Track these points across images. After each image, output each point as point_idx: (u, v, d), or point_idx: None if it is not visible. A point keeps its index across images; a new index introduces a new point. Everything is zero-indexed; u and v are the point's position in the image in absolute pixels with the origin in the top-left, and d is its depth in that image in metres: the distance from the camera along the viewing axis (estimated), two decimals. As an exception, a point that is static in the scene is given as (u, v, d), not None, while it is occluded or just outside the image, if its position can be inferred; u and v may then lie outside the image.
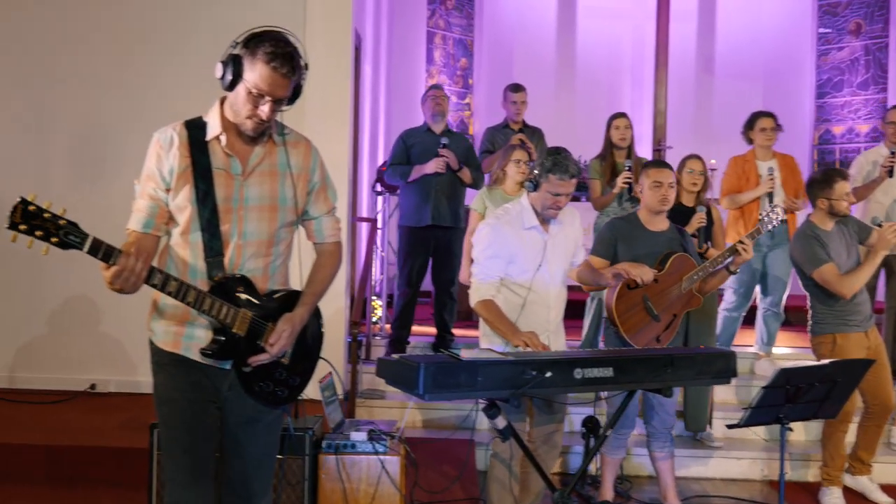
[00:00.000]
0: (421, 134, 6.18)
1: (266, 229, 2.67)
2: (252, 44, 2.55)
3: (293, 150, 2.75)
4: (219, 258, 2.59)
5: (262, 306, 2.65)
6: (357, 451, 3.91)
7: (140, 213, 2.61)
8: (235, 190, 2.63)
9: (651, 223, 4.39)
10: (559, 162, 3.72)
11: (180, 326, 2.64)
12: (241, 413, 2.73)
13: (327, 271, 2.86)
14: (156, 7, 5.72)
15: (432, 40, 10.19)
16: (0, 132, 5.75)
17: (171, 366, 2.67)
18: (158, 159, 2.60)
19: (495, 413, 3.31)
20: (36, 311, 5.76)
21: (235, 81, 2.57)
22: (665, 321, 4.29)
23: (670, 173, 4.36)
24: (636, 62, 10.72)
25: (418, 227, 6.08)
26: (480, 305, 3.76)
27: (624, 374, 3.40)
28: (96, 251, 2.31)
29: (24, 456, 4.44)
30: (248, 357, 2.61)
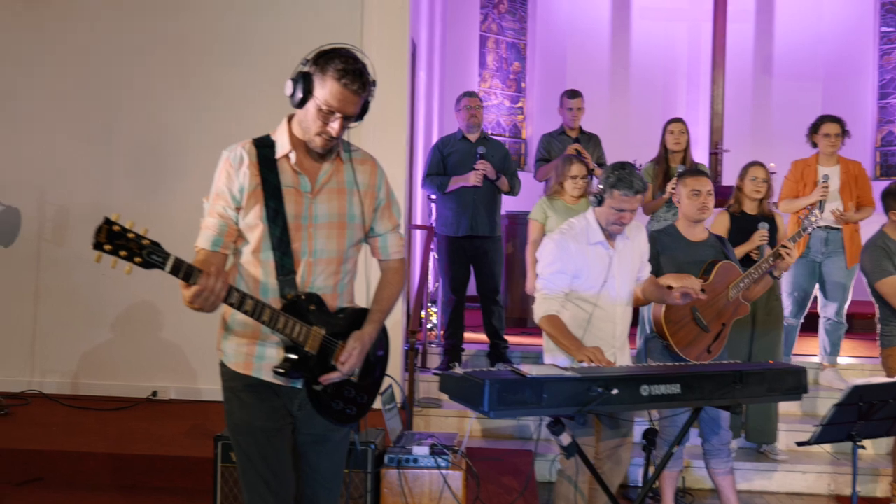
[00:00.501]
0: (456, 142, 6.15)
1: (335, 246, 2.68)
2: (322, 61, 2.55)
3: (360, 167, 2.75)
4: (291, 276, 2.59)
5: (333, 324, 2.65)
6: (419, 466, 3.90)
7: (209, 230, 2.62)
8: (305, 207, 2.63)
9: (690, 233, 4.32)
10: (623, 177, 3.66)
11: (251, 346, 2.65)
12: (310, 432, 2.73)
13: (394, 288, 2.86)
14: (217, 18, 5.78)
15: (485, 44, 10.17)
16: (66, 141, 5.85)
17: (244, 392, 2.67)
18: (228, 178, 2.61)
19: (560, 430, 3.28)
20: (99, 319, 5.84)
21: (305, 99, 2.57)
22: (714, 331, 4.22)
23: (708, 181, 4.28)
24: (692, 63, 10.58)
25: (456, 236, 6.07)
26: (545, 321, 3.72)
27: (691, 390, 3.35)
28: (177, 271, 2.32)
29: (89, 464, 4.50)
30: (319, 375, 2.61)
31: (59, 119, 5.86)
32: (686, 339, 4.12)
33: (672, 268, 4.17)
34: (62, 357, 5.85)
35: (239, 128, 5.55)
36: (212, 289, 2.36)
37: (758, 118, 10.33)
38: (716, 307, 4.19)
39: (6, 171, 5.56)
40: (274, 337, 2.60)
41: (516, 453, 5.10)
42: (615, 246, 3.81)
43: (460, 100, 6.22)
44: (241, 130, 5.54)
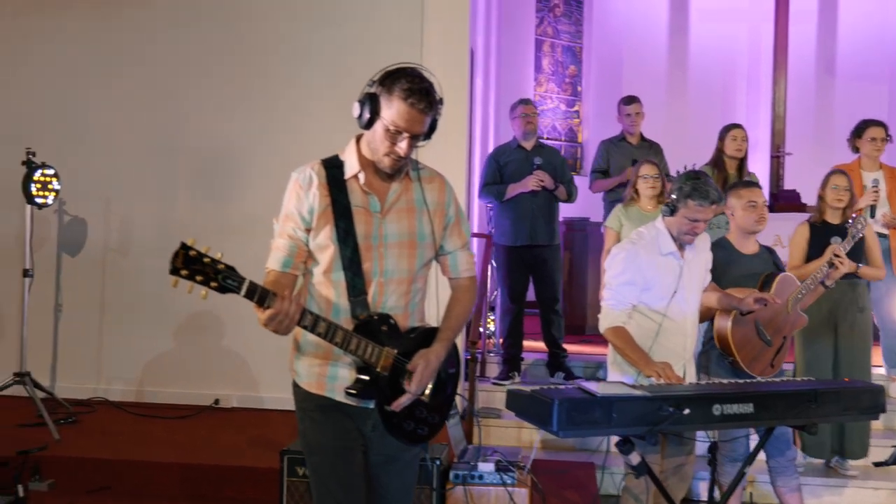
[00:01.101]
0: (512, 151, 6.10)
1: (406, 266, 2.67)
2: (388, 81, 2.55)
3: (428, 185, 2.74)
4: (362, 297, 2.59)
5: (405, 344, 2.64)
6: (485, 483, 3.89)
7: (279, 252, 2.63)
8: (375, 227, 2.63)
9: (743, 246, 4.23)
10: (699, 187, 3.60)
11: (323, 366, 2.65)
12: (382, 452, 2.72)
13: (464, 306, 2.83)
14: (277, 30, 5.83)
15: (541, 48, 10.10)
16: (131, 154, 5.94)
17: (316, 412, 2.67)
18: (298, 199, 2.62)
19: (629, 449, 3.23)
20: (162, 327, 5.93)
21: (373, 120, 2.57)
22: (776, 345, 4.13)
23: (762, 193, 4.22)
24: (752, 65, 10.39)
25: (514, 245, 6.03)
26: (611, 332, 3.67)
27: (765, 409, 3.29)
28: (252, 294, 2.34)
29: (157, 473, 4.56)
30: (392, 395, 2.61)
31: (124, 132, 5.96)
32: (751, 354, 4.05)
33: (726, 281, 4.10)
34: (127, 365, 5.95)
35: (297, 138, 5.65)
36: (286, 312, 2.38)
37: (820, 120, 10.10)
38: (777, 320, 4.11)
39: (73, 183, 5.66)
40: (346, 357, 2.60)
41: (578, 465, 5.06)
42: (685, 256, 3.75)
43: (515, 107, 6.17)
44: (301, 142, 5.65)
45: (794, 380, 3.90)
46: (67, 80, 5.99)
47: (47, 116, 5.96)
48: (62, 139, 5.87)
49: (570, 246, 7.82)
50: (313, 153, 3.18)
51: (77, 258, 5.97)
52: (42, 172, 5.30)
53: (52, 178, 5.35)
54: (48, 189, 5.33)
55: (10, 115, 6.00)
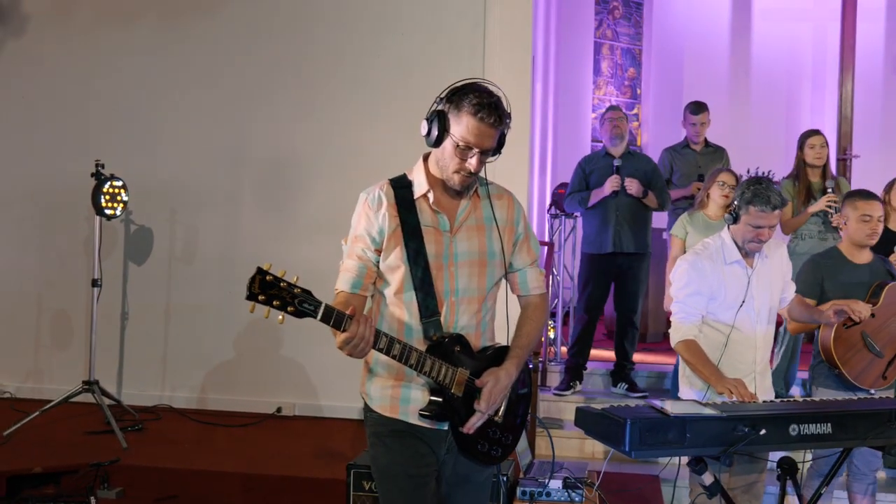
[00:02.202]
0: (599, 159, 6.01)
1: (476, 284, 2.65)
2: (456, 97, 2.54)
3: (497, 202, 2.72)
4: (435, 318, 2.57)
5: (477, 364, 2.62)
6: (553, 500, 3.84)
7: (349, 273, 2.62)
8: (445, 246, 2.62)
9: (855, 256, 4.14)
10: (760, 192, 3.51)
11: (396, 389, 2.63)
12: (455, 472, 2.70)
13: (535, 324, 2.80)
14: (341, 40, 5.84)
15: (599, 51, 10.00)
16: (196, 163, 6.02)
17: (389, 437, 2.65)
18: (368, 220, 2.61)
19: (703, 469, 3.17)
20: (225, 335, 5.99)
21: (441, 137, 2.56)
22: (889, 356, 4.02)
23: (880, 206, 4.09)
24: (817, 66, 10.15)
25: (599, 253, 5.92)
26: (682, 346, 3.60)
27: (843, 430, 3.19)
28: (328, 318, 2.33)
29: (222, 483, 4.60)
30: (465, 417, 2.58)
31: (190, 142, 6.04)
32: (858, 365, 3.97)
33: (837, 291, 4.02)
34: (191, 372, 6.04)
35: (363, 150, 5.67)
36: (361, 335, 2.37)
37: (888, 121, 9.84)
38: (888, 330, 4.00)
39: (140, 193, 5.75)
40: (419, 379, 2.59)
41: (643, 479, 4.97)
42: (753, 265, 3.67)
43: (605, 113, 6.12)
44: (365, 153, 5.65)
45: (874, 398, 3.78)
46: (135, 92, 6.09)
47: (115, 128, 6.07)
48: (129, 150, 5.97)
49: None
50: (377, 164, 3.18)
51: (143, 267, 6.06)
52: (111, 184, 5.38)
53: (120, 190, 5.44)
54: (117, 200, 5.42)
55: (79, 127, 6.12)
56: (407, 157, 6.34)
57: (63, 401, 5.27)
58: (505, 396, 2.65)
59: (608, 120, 6.00)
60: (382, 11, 5.83)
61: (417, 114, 6.36)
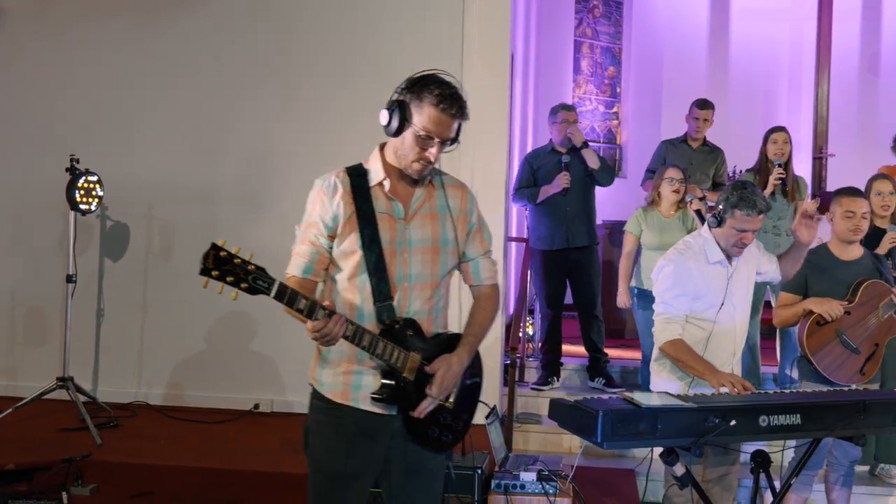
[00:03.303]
0: (546, 155, 6.06)
1: (430, 271, 2.68)
2: (417, 88, 2.57)
3: (451, 192, 2.76)
4: (388, 302, 2.60)
5: (429, 349, 2.64)
6: (527, 492, 3.86)
7: (301, 258, 2.64)
8: (399, 233, 2.65)
9: (843, 252, 4.19)
10: (745, 197, 3.55)
11: (348, 375, 2.64)
12: (405, 461, 2.70)
13: (487, 313, 2.83)
14: (320, 36, 5.82)
15: (580, 49, 10.04)
16: (174, 159, 5.97)
17: (331, 429, 2.66)
18: (322, 207, 2.63)
19: (674, 460, 3.20)
20: (202, 331, 5.96)
21: (402, 127, 2.58)
22: (866, 352, 4.07)
23: (864, 203, 4.13)
24: (794, 65, 10.24)
25: (551, 250, 5.98)
26: (669, 346, 3.63)
27: (812, 421, 3.23)
28: (282, 297, 2.35)
29: (199, 479, 4.56)
30: (416, 401, 2.60)
31: (167, 137, 6.00)
32: (834, 362, 4.01)
33: (822, 288, 4.07)
34: (167, 369, 6.00)
35: (340, 144, 5.64)
36: (329, 331, 2.41)
37: (864, 121, 9.92)
38: (865, 327, 4.05)
39: (116, 188, 5.71)
40: (370, 365, 2.61)
41: (620, 474, 5.00)
42: (732, 264, 3.71)
43: (556, 112, 6.09)
44: (343, 149, 5.60)
45: (842, 390, 3.83)
46: (112, 87, 6.04)
47: (92, 123, 6.02)
48: (106, 145, 5.91)
49: (609, 248, 7.75)
50: (356, 160, 3.18)
51: (119, 263, 6.02)
52: (86, 179, 5.35)
53: (95, 185, 5.40)
54: (92, 196, 5.39)
55: (54, 122, 6.07)
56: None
57: (36, 397, 5.23)
58: (457, 383, 2.68)
59: (562, 121, 5.98)
60: (362, 8, 5.82)
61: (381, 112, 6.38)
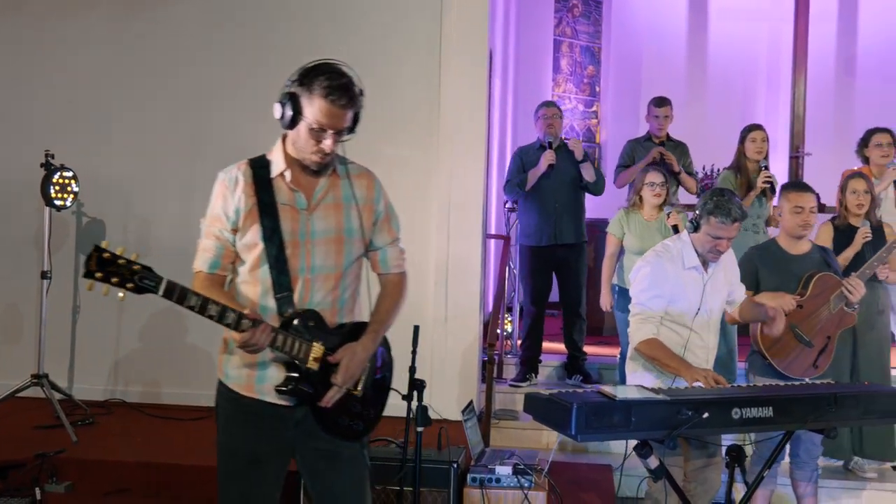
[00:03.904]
0: (535, 151, 6.07)
1: (334, 262, 2.67)
2: (307, 80, 2.55)
3: (357, 181, 2.74)
4: (288, 294, 2.59)
5: (333, 339, 2.63)
6: (502, 486, 3.87)
7: (207, 253, 2.64)
8: (302, 224, 2.64)
9: (792, 247, 4.21)
10: (721, 204, 3.57)
11: (252, 367, 2.63)
12: (316, 446, 2.70)
13: (392, 301, 2.82)
14: (299, 34, 5.78)
15: (559, 48, 10.07)
16: (152, 154, 5.93)
17: (234, 417, 2.69)
18: (224, 200, 2.63)
19: (648, 453, 3.22)
20: (179, 328, 5.92)
21: (295, 119, 2.57)
22: (819, 345, 4.09)
23: (812, 197, 4.15)
24: (772, 65, 10.31)
25: (539, 246, 5.98)
26: (644, 345, 3.65)
27: (784, 413, 3.27)
28: (171, 294, 2.35)
29: (175, 475, 4.54)
30: (324, 392, 2.60)
31: (145, 133, 5.97)
32: (788, 355, 4.04)
33: (772, 282, 4.09)
34: (144, 366, 5.97)
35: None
36: (256, 341, 2.44)
37: (840, 121, 10.00)
38: (817, 320, 4.08)
39: (93, 184, 5.68)
40: (275, 359, 2.60)
41: (596, 469, 5.02)
42: (708, 270, 3.74)
43: (538, 109, 6.15)
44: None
45: (814, 383, 3.87)
46: (88, 81, 6.01)
47: (68, 119, 5.98)
48: (82, 140, 5.88)
49: (591, 247, 7.77)
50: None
51: (95, 260, 5.97)
52: (61, 174, 5.31)
53: (70, 181, 5.37)
54: (67, 191, 5.35)
55: (29, 118, 6.03)
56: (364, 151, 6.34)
57: (10, 395, 5.19)
58: (364, 371, 2.69)
59: (542, 117, 6.05)
60: (341, 6, 5.81)
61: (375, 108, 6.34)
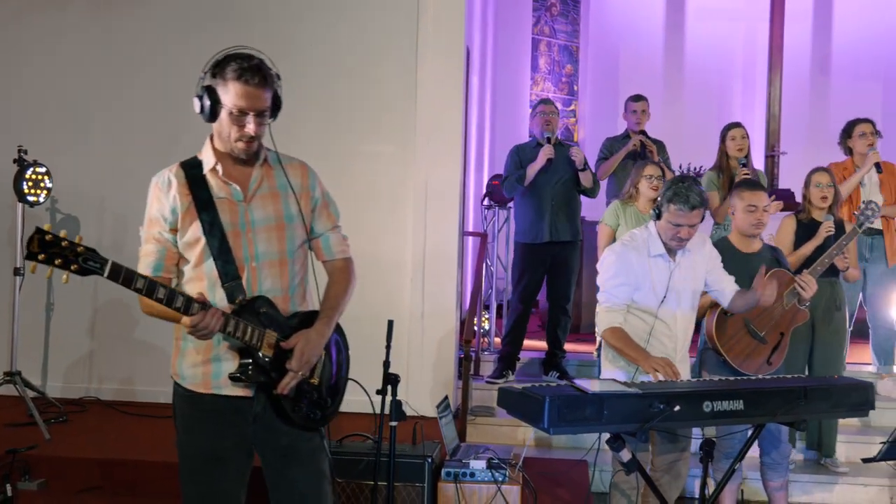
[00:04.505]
0: (531, 150, 6.06)
1: (277, 248, 2.70)
2: (219, 69, 2.62)
3: (291, 170, 2.78)
4: (237, 282, 2.61)
5: (286, 327, 2.65)
6: (477, 480, 3.88)
7: (149, 257, 2.65)
8: (241, 215, 2.67)
9: (744, 245, 4.24)
10: (680, 192, 3.59)
11: (207, 364, 2.64)
12: (276, 442, 2.70)
13: (340, 287, 2.84)
14: (275, 30, 5.72)
15: (537, 47, 10.10)
16: (128, 152, 5.86)
17: (192, 417, 2.69)
18: (160, 203, 2.66)
19: (620, 446, 3.24)
20: (154, 326, 5.75)
21: (215, 109, 2.62)
22: (773, 342, 4.12)
23: (765, 196, 4.18)
24: (748, 64, 10.40)
25: (535, 243, 5.98)
26: (608, 333, 3.67)
27: (755, 406, 3.29)
28: (117, 276, 2.34)
29: (149, 472, 4.52)
30: (278, 378, 2.60)
31: (121, 130, 5.91)
32: (743, 352, 4.05)
33: None
34: (119, 364, 5.92)
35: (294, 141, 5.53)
36: (206, 324, 2.44)
37: (815, 119, 10.11)
38: (771, 316, 4.10)
39: (68, 181, 5.64)
40: (227, 349, 2.61)
41: (571, 464, 5.04)
42: (676, 259, 3.75)
43: (536, 106, 6.19)
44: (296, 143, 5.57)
45: (785, 377, 3.90)
46: (65, 77, 5.95)
47: (43, 114, 5.92)
48: (57, 137, 5.83)
49: (581, 245, 7.80)
50: (311, 154, 3.20)
51: (70, 256, 5.93)
52: (34, 170, 5.27)
53: (44, 177, 5.32)
54: (40, 187, 5.31)
55: (2, 111, 5.97)
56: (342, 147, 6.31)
57: (-17, 392, 5.16)
58: (319, 358, 2.70)
59: (539, 113, 6.07)
60: (318, 4, 5.77)
61: (351, 105, 6.33)
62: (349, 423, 4.54)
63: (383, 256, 5.60)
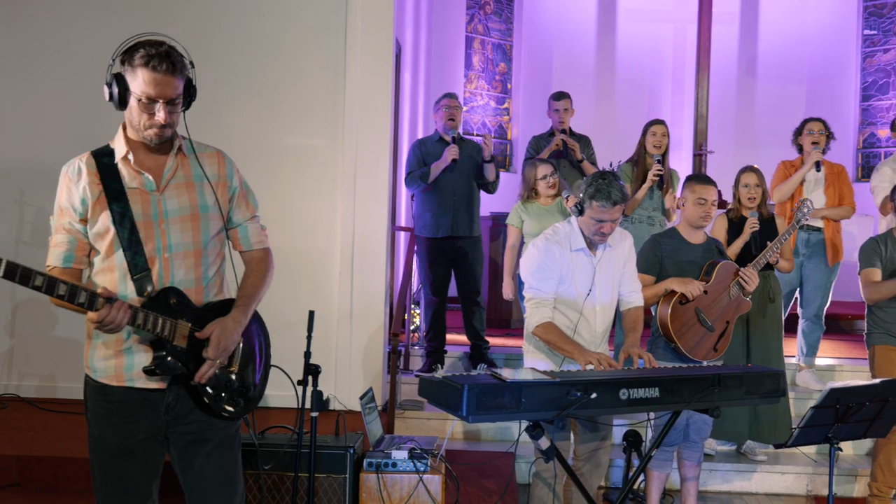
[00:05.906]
0: (433, 144, 6.12)
1: (191, 239, 2.66)
2: (127, 56, 2.58)
3: (207, 160, 2.75)
4: (146, 273, 2.58)
5: (200, 317, 2.62)
6: (398, 470, 3.89)
7: (59, 248, 2.61)
8: (153, 205, 2.63)
9: (691, 236, 4.37)
10: (602, 188, 3.64)
11: (119, 357, 2.61)
12: (188, 431, 2.68)
13: (258, 276, 2.83)
14: (200, 24, 5.67)
15: (471, 45, 10.16)
16: (48, 143, 5.68)
17: (102, 410, 2.65)
18: (69, 192, 2.60)
19: (539, 434, 3.27)
20: (75, 321, 5.69)
21: (125, 97, 2.58)
22: (719, 330, 4.26)
23: (714, 191, 4.31)
24: (677, 65, 10.62)
25: (436, 238, 6.05)
26: (540, 329, 3.69)
27: (670, 394, 3.35)
28: (13, 275, 2.26)
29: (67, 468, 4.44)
30: (195, 368, 2.59)
31: (41, 120, 5.77)
32: (693, 339, 4.17)
33: (675, 269, 4.24)
34: (40, 361, 5.78)
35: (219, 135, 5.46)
36: (112, 318, 2.40)
37: (742, 120, 10.38)
38: (719, 306, 4.24)
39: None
40: (139, 341, 2.58)
41: (497, 455, 5.08)
42: (596, 254, 3.81)
43: (440, 100, 6.19)
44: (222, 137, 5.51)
45: (700, 366, 4.00)
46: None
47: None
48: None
49: (494, 240, 7.88)
50: (240, 146, 3.17)
51: (-11, 250, 5.79)
52: (-51, 161, 5.13)
53: (-40, 168, 5.19)
54: (-45, 179, 5.17)
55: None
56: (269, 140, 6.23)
57: None
58: (237, 345, 2.70)
59: (444, 107, 6.09)
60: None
61: (280, 97, 6.23)
62: (275, 417, 4.53)
63: (312, 250, 5.58)
